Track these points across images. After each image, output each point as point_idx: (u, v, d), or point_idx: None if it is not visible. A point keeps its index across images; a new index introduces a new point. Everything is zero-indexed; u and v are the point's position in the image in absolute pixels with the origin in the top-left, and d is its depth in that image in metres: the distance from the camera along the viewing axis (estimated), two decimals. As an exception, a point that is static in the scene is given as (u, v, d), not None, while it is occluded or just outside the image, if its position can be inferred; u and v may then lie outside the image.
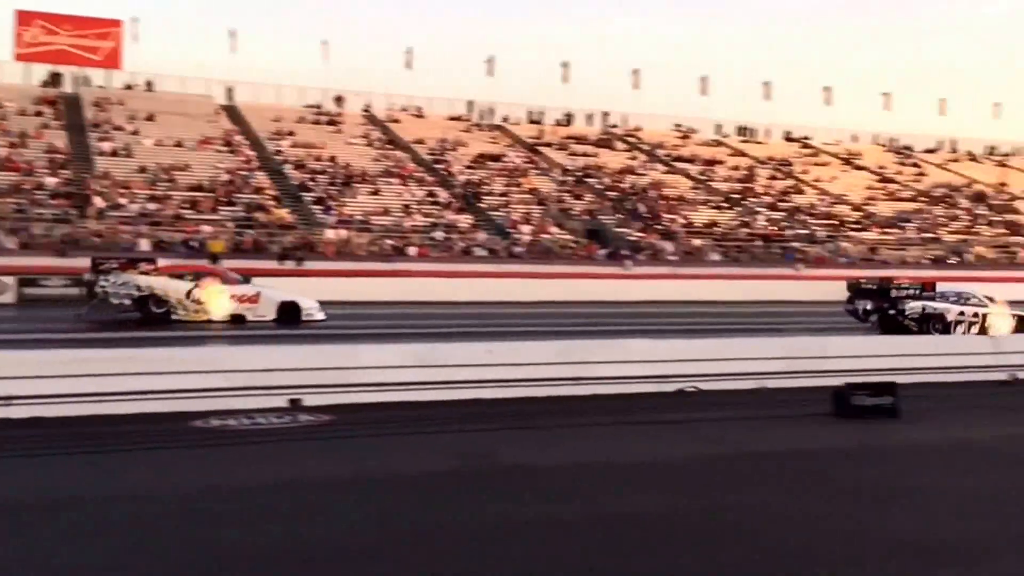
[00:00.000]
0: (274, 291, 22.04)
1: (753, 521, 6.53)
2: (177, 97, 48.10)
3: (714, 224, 44.79)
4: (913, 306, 21.12)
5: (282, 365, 11.01)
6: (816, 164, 58.07)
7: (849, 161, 59.96)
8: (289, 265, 32.25)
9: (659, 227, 42.99)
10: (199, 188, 38.04)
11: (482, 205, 42.27)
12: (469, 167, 46.81)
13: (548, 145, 52.85)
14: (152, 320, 20.30)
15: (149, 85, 49.92)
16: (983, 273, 40.04)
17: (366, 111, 53.73)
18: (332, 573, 5.38)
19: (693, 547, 5.93)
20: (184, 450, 8.58)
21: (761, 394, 12.24)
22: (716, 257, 40.94)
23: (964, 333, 20.43)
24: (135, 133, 42.49)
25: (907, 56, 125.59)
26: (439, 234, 38.03)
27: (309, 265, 32.20)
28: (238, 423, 9.62)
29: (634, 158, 53.50)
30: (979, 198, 55.36)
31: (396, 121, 52.81)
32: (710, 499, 7.14)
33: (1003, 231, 50.33)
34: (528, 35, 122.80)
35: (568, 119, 58.33)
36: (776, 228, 45.32)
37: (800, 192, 51.85)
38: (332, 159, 43.97)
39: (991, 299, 22.05)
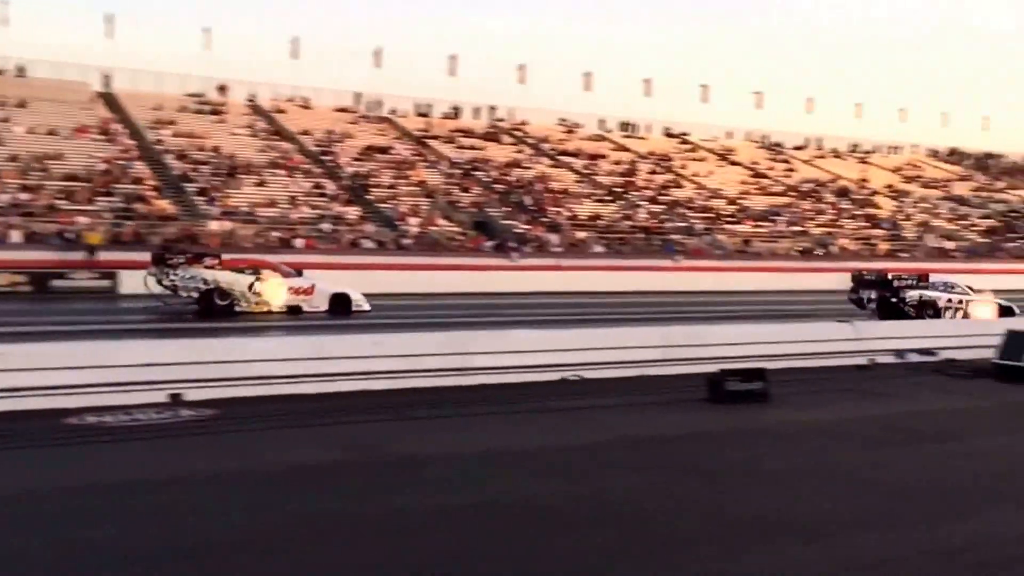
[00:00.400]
0: (326, 283, 23.44)
1: (629, 503, 6.87)
2: (50, 83, 46.03)
3: (597, 217, 45.65)
4: (912, 294, 23.74)
5: (162, 359, 10.80)
6: (694, 159, 59.85)
7: (724, 157, 61.97)
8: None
9: (545, 219, 43.57)
10: (74, 178, 36.58)
11: (370, 197, 42.00)
12: (357, 159, 46.41)
13: (436, 138, 52.85)
14: (216, 312, 21.29)
15: (20, 71, 47.65)
16: (847, 264, 42.13)
17: (251, 101, 52.61)
18: (211, 568, 5.39)
19: (572, 530, 6.21)
20: (57, 448, 8.36)
21: (641, 381, 12.68)
22: (599, 249, 41.77)
23: (951, 317, 23.04)
24: (5, 120, 40.52)
25: (778, 56, 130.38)
26: (326, 226, 37.63)
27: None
28: (115, 420, 9.41)
29: (520, 152, 54.01)
30: (843, 193, 58.08)
31: (282, 111, 51.89)
32: (590, 484, 7.45)
33: (864, 224, 52.94)
34: (415, 28, 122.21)
35: (455, 112, 58.47)
36: (656, 221, 46.53)
37: (679, 186, 53.35)
38: (215, 149, 42.92)
39: (972, 288, 24.78)
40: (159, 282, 22.06)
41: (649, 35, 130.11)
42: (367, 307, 22.99)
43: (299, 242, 35.61)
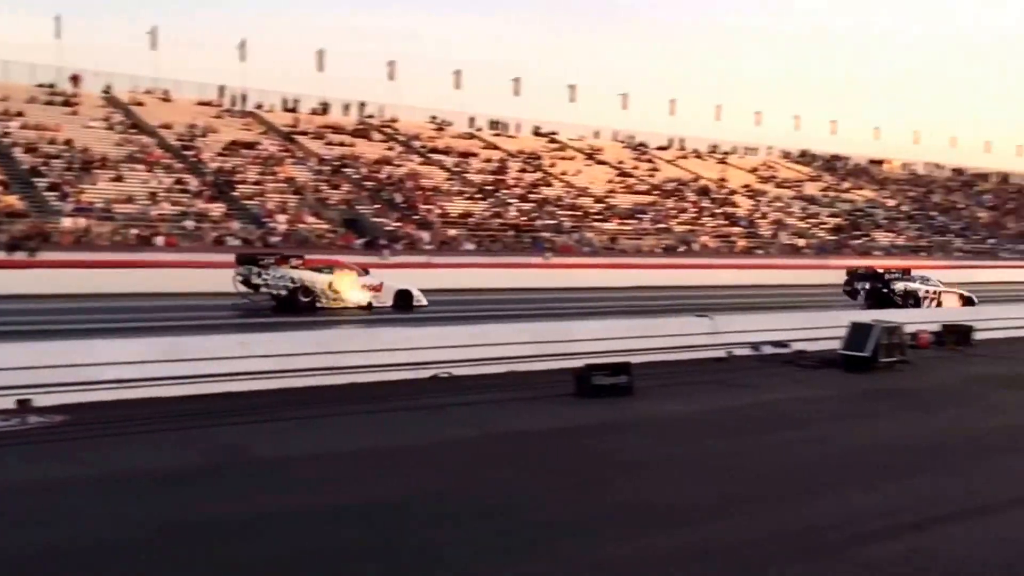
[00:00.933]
0: (392, 281, 25.20)
1: (499, 497, 7.00)
2: None
3: (468, 214, 45.82)
4: (899, 286, 27.18)
5: (7, 364, 10.26)
6: (562, 158, 60.78)
7: (592, 156, 63.18)
8: (20, 256, 29.75)
9: (416, 217, 43.45)
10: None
11: (235, 194, 40.91)
12: (221, 154, 45.08)
13: (304, 134, 51.88)
14: (300, 308, 22.89)
15: None
16: (707, 260, 43.75)
17: (106, 92, 50.35)
18: None
19: (444, 525, 6.29)
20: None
21: (511, 377, 12.86)
22: (470, 246, 41.94)
23: (928, 305, 26.23)
24: None
25: (641, 58, 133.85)
26: (189, 223, 36.45)
27: (43, 256, 29.87)
28: (-40, 427, 8.95)
29: (391, 149, 53.64)
30: (703, 192, 60.15)
31: (140, 104, 49.89)
32: (461, 479, 7.54)
33: (723, 222, 54.98)
34: (282, 21, 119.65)
35: (324, 108, 57.55)
36: (526, 218, 47.06)
37: (548, 184, 54.10)
38: (68, 142, 40.87)
39: (942, 282, 28.56)
40: (246, 281, 23.45)
41: (517, 34, 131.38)
42: (425, 302, 24.64)
43: (160, 240, 34.38)
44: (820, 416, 10.71)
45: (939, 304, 26.47)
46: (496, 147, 59.34)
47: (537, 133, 65.29)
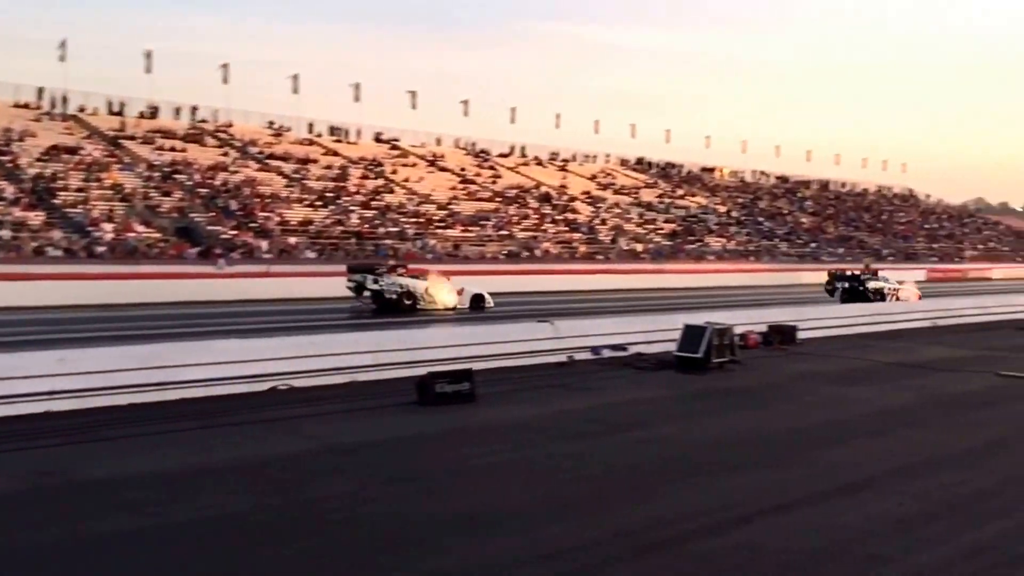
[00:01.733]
0: (469, 287, 29.10)
1: (337, 511, 6.85)
2: None
3: (309, 222, 44.95)
4: (871, 284, 33.53)
5: None
6: (404, 165, 60.53)
7: (434, 163, 63.25)
8: None
9: (253, 225, 42.26)
10: None
11: (56, 201, 38.64)
12: (40, 159, 42.50)
13: (131, 138, 49.58)
14: (403, 309, 26.91)
15: None
16: (550, 266, 44.52)
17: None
18: None
19: (277, 541, 6.09)
20: None
21: (352, 387, 12.64)
22: (311, 255, 41.16)
23: (890, 300, 32.33)
24: None
25: (483, 66, 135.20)
26: (5, 232, 34.18)
27: None
28: None
29: (226, 154, 51.99)
30: (545, 199, 61.26)
31: (-54, 105, 46.52)
32: (297, 494, 7.33)
33: (564, 228, 56.14)
34: (106, 19, 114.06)
35: (153, 112, 55.19)
36: (368, 226, 46.59)
37: (390, 191, 53.73)
38: None
39: (901, 281, 35.30)
40: (359, 287, 27.66)
41: (358, 40, 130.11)
42: (492, 304, 28.58)
43: (-28, 251, 32.10)
44: (656, 416, 11.04)
45: (897, 298, 32.95)
46: (336, 153, 58.51)
47: (378, 139, 64.80)
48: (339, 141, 62.00)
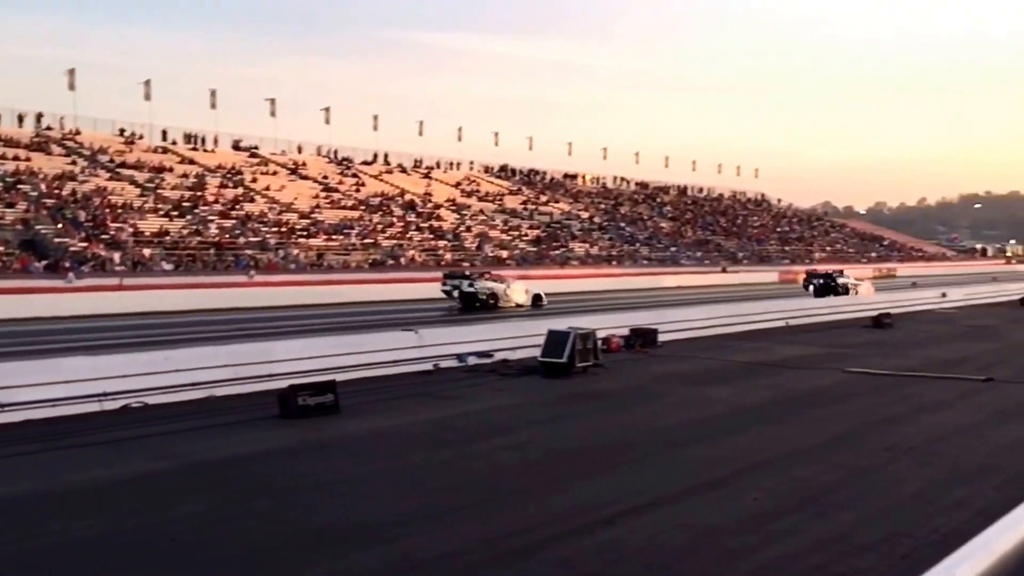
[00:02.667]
0: (532, 288, 35.13)
1: (191, 531, 6.58)
2: None
3: (164, 233, 43.37)
4: (840, 280, 39.85)
5: None
6: (264, 173, 59.20)
7: (295, 171, 62.09)
8: None
9: (105, 236, 40.44)
10: None
11: None
12: None
13: (-32, 146, 46.78)
14: (489, 307, 32.37)
15: None
16: (415, 274, 44.33)
17: None
18: None
19: (121, 569, 5.81)
20: None
21: (209, 403, 12.22)
22: (168, 266, 39.72)
23: (852, 294, 37.05)
24: None
25: (345, 73, 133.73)
26: None
27: None
28: None
29: (74, 163, 49.64)
30: (409, 206, 61.03)
31: None
32: (149, 516, 7.01)
33: (430, 236, 56.07)
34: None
35: (-8, 119, 52.25)
36: (228, 236, 45.31)
37: (251, 200, 52.45)
38: None
39: (859, 279, 41.93)
40: (457, 289, 33.25)
41: (213, 46, 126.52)
42: (546, 302, 34.41)
43: None
44: (521, 422, 11.10)
45: (857, 292, 37.95)
46: (193, 162, 56.72)
47: (237, 147, 63.18)
48: (195, 149, 60.13)
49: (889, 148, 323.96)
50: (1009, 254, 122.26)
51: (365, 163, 69.53)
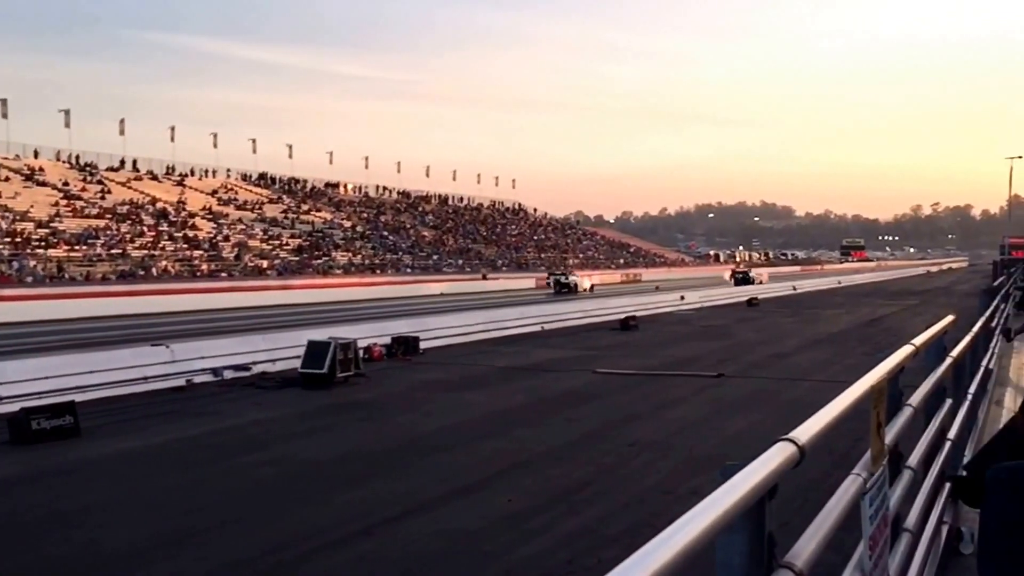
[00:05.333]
0: (583, 281, 53.74)
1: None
2: None
3: None
4: (751, 273, 57.93)
5: None
6: (-4, 179, 54.32)
7: (31, 177, 57.41)
8: None
9: None
10: None
11: None
12: None
13: None
14: (571, 293, 48.09)
15: None
16: (168, 285, 42.15)
17: None
18: None
19: None
20: None
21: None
22: None
23: (756, 283, 53.48)
24: None
25: (87, 75, 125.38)
26: None
27: None
28: None
29: None
30: (162, 215, 58.02)
31: None
32: None
33: (184, 246, 53.57)
34: None
35: None
36: (-49, 247, 41.20)
37: (-21, 208, 47.96)
38: None
39: (760, 271, 60.50)
40: (559, 282, 51.37)
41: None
42: (593, 290, 49.79)
43: None
44: (279, 436, 10.84)
45: (762, 281, 54.69)
46: (-93, 165, 51.10)
47: (-39, 151, 57.54)
48: (-91, 151, 54.23)
49: (635, 161, 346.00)
50: (738, 259, 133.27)
51: (111, 169, 65.37)
